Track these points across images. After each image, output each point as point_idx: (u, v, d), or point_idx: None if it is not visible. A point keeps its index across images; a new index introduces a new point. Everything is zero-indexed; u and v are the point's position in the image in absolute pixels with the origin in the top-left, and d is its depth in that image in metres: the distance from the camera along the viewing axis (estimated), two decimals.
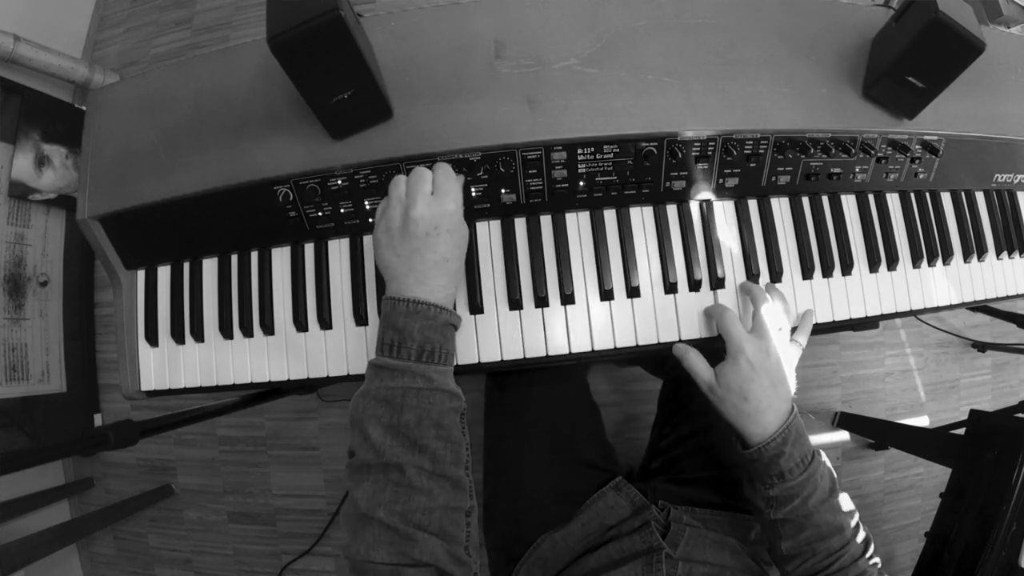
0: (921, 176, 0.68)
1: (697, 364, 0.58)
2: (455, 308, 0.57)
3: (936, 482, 1.44)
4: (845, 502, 0.56)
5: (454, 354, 0.50)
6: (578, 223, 0.62)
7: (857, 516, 0.57)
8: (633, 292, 0.61)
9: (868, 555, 0.54)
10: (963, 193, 0.72)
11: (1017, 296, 0.74)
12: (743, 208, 0.64)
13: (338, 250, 0.62)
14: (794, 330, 0.62)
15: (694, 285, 0.62)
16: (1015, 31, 1.37)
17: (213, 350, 0.63)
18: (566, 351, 0.60)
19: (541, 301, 0.60)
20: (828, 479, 0.55)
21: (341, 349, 0.61)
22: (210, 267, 0.64)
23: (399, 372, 0.46)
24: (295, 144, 0.58)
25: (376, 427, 0.44)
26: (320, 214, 0.60)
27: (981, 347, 1.51)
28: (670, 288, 0.61)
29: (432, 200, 0.50)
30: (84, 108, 1.30)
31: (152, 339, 0.64)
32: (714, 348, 0.58)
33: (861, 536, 0.55)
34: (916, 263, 0.68)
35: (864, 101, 0.63)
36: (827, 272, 0.65)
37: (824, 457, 0.56)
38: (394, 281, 0.50)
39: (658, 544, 0.60)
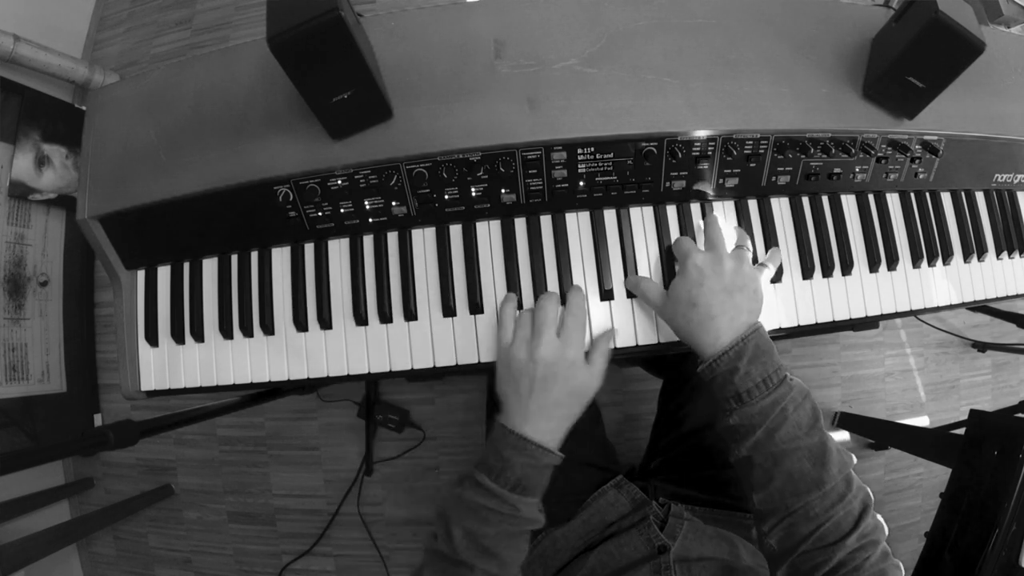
0: (921, 176, 0.68)
1: (649, 287, 0.58)
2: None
3: (936, 482, 1.44)
4: (832, 455, 0.47)
5: (544, 489, 0.53)
6: (578, 223, 0.62)
7: (851, 475, 0.47)
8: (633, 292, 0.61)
9: (860, 530, 0.45)
10: (963, 193, 0.72)
11: (1017, 296, 0.74)
12: (743, 208, 0.64)
13: (338, 250, 0.62)
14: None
15: None
16: (1015, 31, 1.37)
17: (213, 350, 0.63)
18: None
19: None
20: (806, 414, 0.48)
21: (341, 349, 0.61)
22: (210, 267, 0.64)
23: (493, 495, 0.49)
24: (295, 144, 0.58)
25: (459, 529, 0.49)
26: (320, 214, 0.60)
27: (981, 347, 1.51)
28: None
29: (557, 344, 0.52)
30: (84, 108, 1.30)
31: (152, 339, 0.64)
32: None
33: (851, 502, 0.46)
34: (916, 263, 0.68)
35: (864, 101, 0.62)
36: (827, 272, 0.65)
37: (800, 387, 0.49)
38: (507, 410, 0.53)
39: (657, 538, 0.60)
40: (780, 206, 0.65)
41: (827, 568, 0.44)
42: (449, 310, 0.60)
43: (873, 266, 0.66)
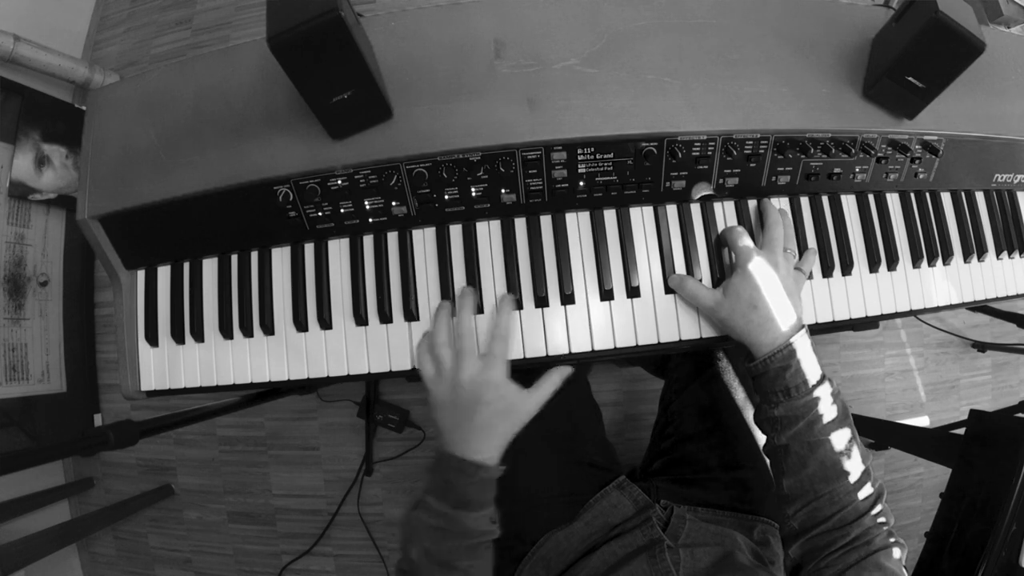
0: (921, 176, 0.68)
1: (698, 288, 0.59)
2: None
3: (936, 482, 1.44)
4: (858, 448, 0.52)
5: (491, 502, 0.55)
6: (578, 223, 0.62)
7: (869, 465, 0.52)
8: (633, 292, 0.61)
9: (875, 512, 0.50)
10: (963, 193, 0.72)
11: (1017, 296, 0.74)
12: (743, 208, 0.64)
13: (338, 250, 0.62)
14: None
15: None
16: (1015, 31, 1.37)
17: (213, 350, 0.63)
18: (566, 351, 0.60)
19: (541, 301, 0.60)
20: (839, 410, 0.53)
21: (341, 349, 0.61)
22: (210, 267, 0.64)
23: (441, 515, 0.52)
24: (295, 144, 0.58)
25: (416, 548, 0.52)
26: (320, 214, 0.60)
27: (981, 347, 1.51)
28: (670, 288, 0.61)
29: (478, 367, 0.54)
30: (84, 108, 1.30)
31: (152, 339, 0.64)
32: (710, 349, 0.58)
33: (869, 489, 0.51)
34: (916, 263, 0.68)
35: (864, 101, 0.62)
36: (827, 272, 0.65)
37: (836, 387, 0.54)
38: (441, 435, 0.55)
39: (659, 536, 0.60)
40: (780, 206, 0.65)
41: (843, 542, 0.48)
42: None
43: (873, 266, 0.66)
